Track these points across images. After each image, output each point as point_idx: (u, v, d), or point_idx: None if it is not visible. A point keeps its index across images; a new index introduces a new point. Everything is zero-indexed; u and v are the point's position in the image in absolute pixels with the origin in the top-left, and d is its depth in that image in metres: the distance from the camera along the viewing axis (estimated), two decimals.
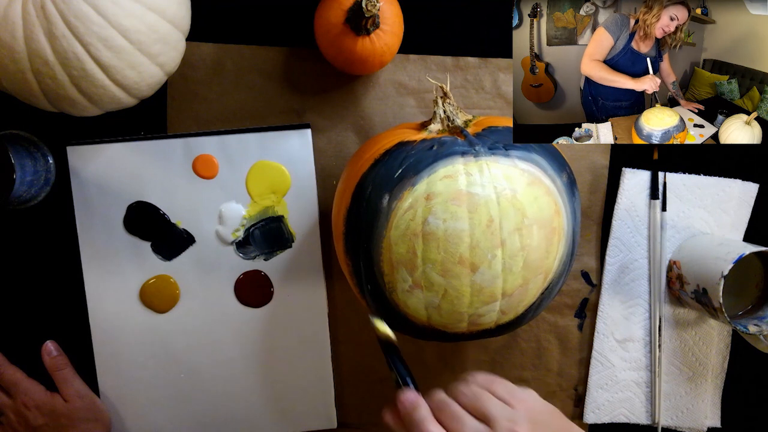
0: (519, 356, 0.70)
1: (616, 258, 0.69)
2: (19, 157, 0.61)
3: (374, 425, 0.70)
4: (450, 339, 0.54)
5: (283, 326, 0.68)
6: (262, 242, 0.67)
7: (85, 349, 0.67)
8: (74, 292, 0.67)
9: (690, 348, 0.70)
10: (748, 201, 0.69)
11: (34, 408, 0.64)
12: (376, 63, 0.61)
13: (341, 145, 0.68)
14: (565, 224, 0.52)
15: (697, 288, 0.63)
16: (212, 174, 0.67)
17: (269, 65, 0.67)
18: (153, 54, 0.55)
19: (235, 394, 0.68)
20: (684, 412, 0.70)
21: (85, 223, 0.66)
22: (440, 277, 0.49)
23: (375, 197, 0.51)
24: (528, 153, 0.52)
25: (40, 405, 0.64)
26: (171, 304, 0.67)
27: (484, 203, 0.49)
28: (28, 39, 0.51)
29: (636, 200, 0.69)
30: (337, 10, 0.58)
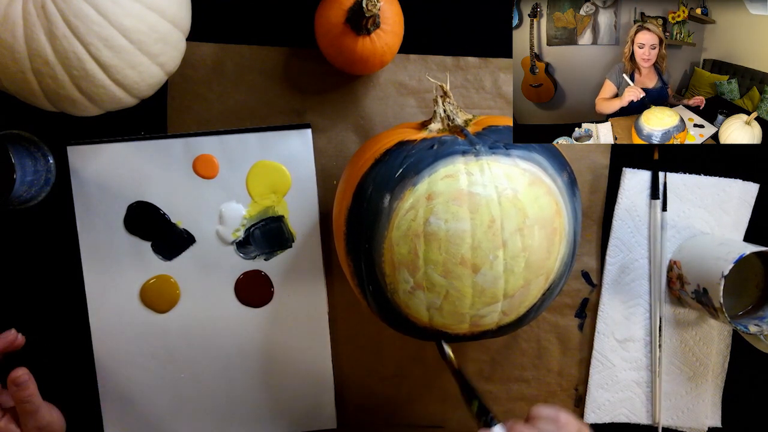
0: (519, 356, 0.70)
1: (617, 258, 0.69)
2: (20, 157, 0.61)
3: (374, 425, 0.70)
4: (451, 340, 0.54)
5: (283, 326, 0.68)
6: (262, 242, 0.67)
7: (85, 349, 0.67)
8: (74, 292, 0.67)
9: (690, 348, 0.70)
10: (749, 201, 0.69)
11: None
12: (377, 63, 0.61)
13: (342, 145, 0.68)
14: (566, 224, 0.52)
15: (697, 288, 0.63)
16: (212, 174, 0.67)
17: (269, 65, 0.67)
18: (153, 54, 0.55)
19: (236, 394, 0.68)
20: (684, 412, 0.70)
21: (85, 223, 0.66)
22: (442, 278, 0.49)
23: (376, 197, 0.51)
24: (529, 152, 0.52)
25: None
26: (171, 304, 0.67)
27: (485, 203, 0.49)
28: (28, 39, 0.51)
29: (636, 200, 0.69)
30: (338, 9, 0.58)
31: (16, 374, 0.57)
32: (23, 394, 0.57)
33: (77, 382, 0.68)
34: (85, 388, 0.68)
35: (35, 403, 0.58)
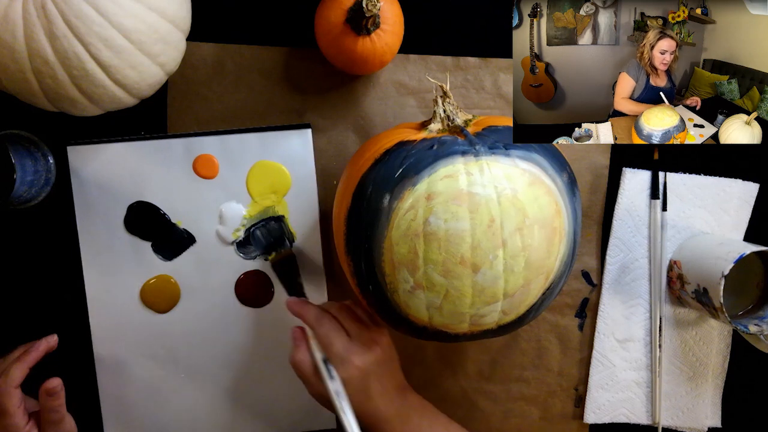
0: (519, 356, 0.70)
1: (617, 258, 0.69)
2: (20, 157, 0.61)
3: None
4: (451, 339, 0.54)
5: (283, 326, 0.68)
6: (262, 242, 0.67)
7: (85, 350, 0.67)
8: (74, 292, 0.67)
9: (690, 348, 0.70)
10: (749, 201, 0.69)
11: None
12: (377, 63, 0.61)
13: (342, 145, 0.68)
14: (566, 224, 0.52)
15: (697, 288, 0.63)
16: (212, 174, 0.67)
17: (269, 65, 0.67)
18: (153, 54, 0.55)
19: (236, 394, 0.68)
20: (684, 412, 0.70)
21: (85, 223, 0.66)
22: (442, 277, 0.49)
23: (376, 197, 0.51)
24: (528, 153, 0.52)
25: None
26: (171, 304, 0.67)
27: (485, 203, 0.49)
28: (28, 39, 0.51)
29: (636, 200, 0.69)
30: (338, 9, 0.58)
31: (51, 384, 0.57)
32: (54, 403, 0.58)
33: (77, 382, 0.68)
34: (85, 388, 0.68)
35: (62, 413, 0.59)
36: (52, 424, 0.59)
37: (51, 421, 0.58)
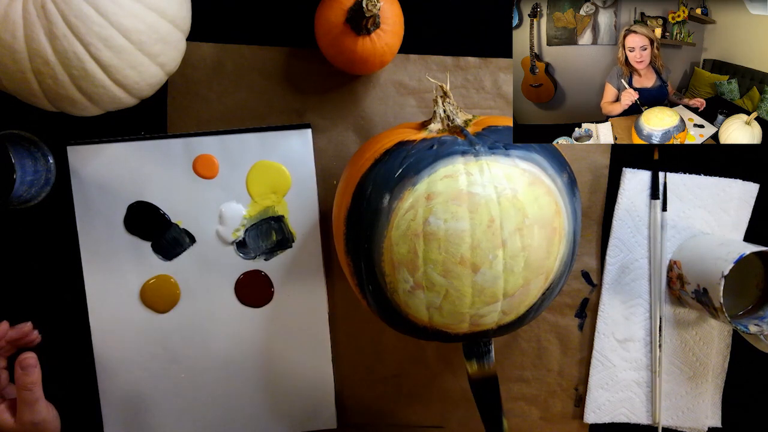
0: (519, 356, 0.70)
1: (617, 258, 0.69)
2: (20, 157, 0.61)
3: (374, 425, 0.70)
4: (451, 339, 0.54)
5: (283, 326, 0.68)
6: (262, 242, 0.67)
7: (85, 349, 0.67)
8: (74, 292, 0.67)
9: (690, 348, 0.70)
10: (749, 201, 0.69)
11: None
12: (377, 63, 0.61)
13: (341, 145, 0.68)
14: (565, 224, 0.52)
15: (697, 288, 0.63)
16: (212, 174, 0.67)
17: (269, 65, 0.67)
18: (153, 54, 0.55)
19: (236, 394, 0.68)
20: (684, 411, 0.70)
21: (85, 223, 0.66)
22: (441, 277, 0.49)
23: (375, 197, 0.51)
24: (528, 153, 0.52)
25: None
26: (171, 304, 0.67)
27: (484, 203, 0.49)
28: (28, 39, 0.51)
29: (636, 200, 0.69)
30: (338, 9, 0.58)
31: (24, 356, 0.58)
32: (27, 379, 0.57)
33: (77, 382, 0.68)
34: (85, 388, 0.68)
35: (36, 393, 0.58)
36: (27, 405, 0.58)
37: (25, 401, 0.58)
